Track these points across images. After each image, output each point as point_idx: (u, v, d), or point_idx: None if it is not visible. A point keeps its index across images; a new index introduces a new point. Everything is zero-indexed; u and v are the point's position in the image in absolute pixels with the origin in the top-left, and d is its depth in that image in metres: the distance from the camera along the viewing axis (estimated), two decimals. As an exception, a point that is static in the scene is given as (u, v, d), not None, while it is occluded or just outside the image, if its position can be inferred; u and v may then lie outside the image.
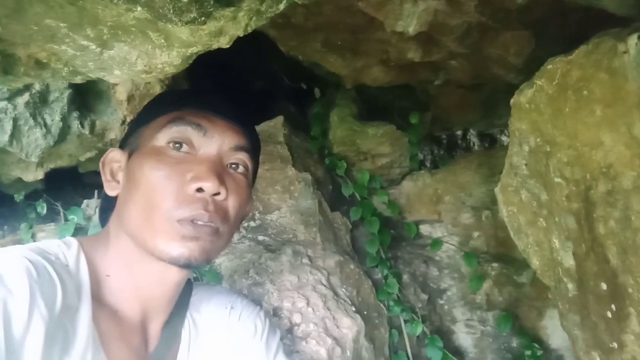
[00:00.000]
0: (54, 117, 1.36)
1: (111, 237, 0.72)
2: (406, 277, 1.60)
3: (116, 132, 1.51)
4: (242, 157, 0.75)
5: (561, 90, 0.85)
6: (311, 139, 1.86)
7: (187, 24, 0.60)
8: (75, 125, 1.41)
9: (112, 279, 0.69)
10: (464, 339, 1.58)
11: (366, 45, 1.44)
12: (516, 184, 1.04)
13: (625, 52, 0.72)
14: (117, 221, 0.72)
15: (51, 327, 0.55)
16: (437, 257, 1.68)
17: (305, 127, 1.95)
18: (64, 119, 1.38)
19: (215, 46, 0.70)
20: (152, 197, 0.67)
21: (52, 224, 1.58)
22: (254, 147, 0.79)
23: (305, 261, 1.29)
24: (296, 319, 1.11)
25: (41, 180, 1.54)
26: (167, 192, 0.67)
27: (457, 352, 1.53)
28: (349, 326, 1.14)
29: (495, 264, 1.59)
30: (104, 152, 0.78)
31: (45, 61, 0.71)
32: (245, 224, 1.41)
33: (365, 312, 1.31)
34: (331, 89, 1.96)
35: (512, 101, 0.99)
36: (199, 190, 0.67)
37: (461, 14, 1.15)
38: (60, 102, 1.37)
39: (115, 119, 1.51)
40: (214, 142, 0.72)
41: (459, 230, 1.68)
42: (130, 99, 1.49)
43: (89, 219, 1.55)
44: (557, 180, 0.89)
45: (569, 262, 0.92)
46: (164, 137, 0.71)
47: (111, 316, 0.68)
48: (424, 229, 1.74)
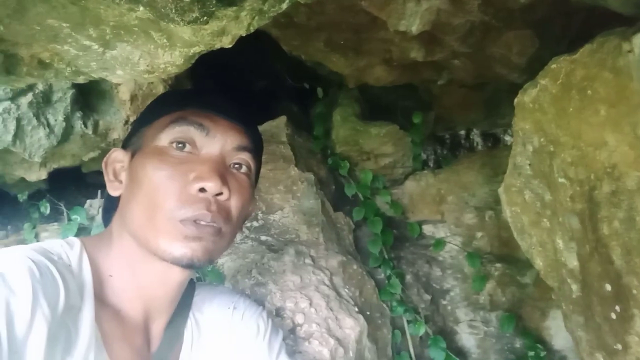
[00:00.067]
0: (57, 117, 1.36)
1: (114, 237, 0.72)
2: (409, 277, 1.59)
3: (119, 132, 1.52)
4: (245, 157, 0.75)
5: (565, 89, 0.84)
6: (314, 139, 1.86)
7: (190, 23, 0.60)
8: (78, 125, 1.42)
9: (114, 279, 0.70)
10: (467, 339, 1.57)
11: (369, 44, 1.44)
12: (520, 184, 1.04)
13: (629, 51, 0.71)
14: (120, 221, 0.72)
15: (54, 327, 0.55)
16: (440, 258, 1.67)
17: (308, 127, 1.94)
18: (67, 119, 1.38)
19: (217, 46, 0.70)
20: (155, 197, 0.67)
21: (55, 223, 1.58)
22: (256, 147, 0.79)
23: (308, 261, 1.29)
24: (299, 319, 1.11)
25: (44, 180, 1.54)
26: (169, 192, 0.67)
27: (460, 352, 1.53)
28: (351, 326, 1.14)
29: (498, 265, 1.58)
30: (107, 152, 0.79)
31: (48, 61, 0.71)
32: (248, 224, 1.41)
33: (368, 313, 1.31)
34: (334, 89, 1.96)
35: (516, 101, 0.98)
36: (202, 190, 0.67)
37: (464, 14, 1.15)
38: (63, 102, 1.37)
39: (118, 119, 1.51)
40: (217, 142, 0.72)
41: (462, 230, 1.68)
42: (133, 98, 1.49)
43: (92, 219, 1.56)
44: (561, 180, 0.88)
45: (573, 263, 0.91)
46: (167, 137, 0.71)
47: (114, 316, 0.68)
48: (427, 229, 1.74)
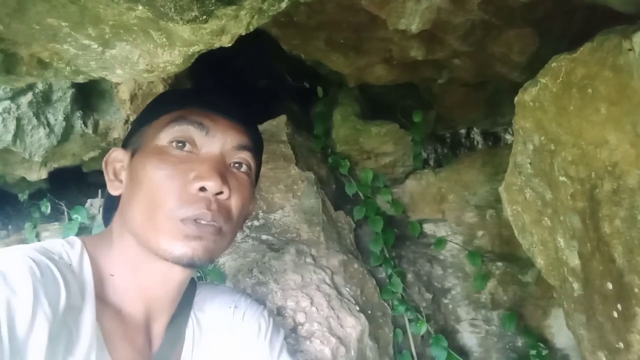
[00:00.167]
0: (57, 116, 1.36)
1: (115, 237, 0.72)
2: (410, 276, 1.59)
3: (119, 132, 1.52)
4: (245, 156, 0.75)
5: (565, 88, 0.84)
6: (314, 138, 1.86)
7: (189, 22, 0.60)
8: (78, 124, 1.42)
9: (115, 278, 0.69)
10: (469, 338, 1.57)
11: (369, 43, 1.43)
12: (520, 183, 1.03)
13: (630, 49, 0.71)
14: (120, 220, 0.72)
15: (55, 327, 0.55)
16: (442, 256, 1.67)
17: (308, 126, 1.94)
18: (67, 119, 1.38)
19: (217, 45, 0.69)
20: (155, 197, 0.67)
21: (56, 223, 1.59)
22: (256, 146, 0.79)
23: (309, 260, 1.29)
24: (300, 318, 1.11)
25: (45, 179, 1.54)
26: (170, 191, 0.67)
27: (461, 351, 1.53)
28: (353, 325, 1.14)
29: (499, 263, 1.58)
30: (107, 152, 0.78)
31: (47, 60, 0.71)
32: (248, 223, 1.41)
33: (369, 312, 1.31)
34: (334, 88, 1.96)
35: (516, 99, 0.98)
36: (202, 189, 0.67)
37: (464, 12, 1.15)
38: (63, 101, 1.37)
39: (118, 118, 1.51)
40: (217, 141, 0.72)
41: (463, 229, 1.68)
42: (133, 98, 1.49)
43: (92, 218, 1.56)
44: (562, 179, 0.88)
45: (574, 262, 0.91)
46: (167, 136, 0.71)
47: (115, 316, 0.68)
48: (428, 228, 1.74)
